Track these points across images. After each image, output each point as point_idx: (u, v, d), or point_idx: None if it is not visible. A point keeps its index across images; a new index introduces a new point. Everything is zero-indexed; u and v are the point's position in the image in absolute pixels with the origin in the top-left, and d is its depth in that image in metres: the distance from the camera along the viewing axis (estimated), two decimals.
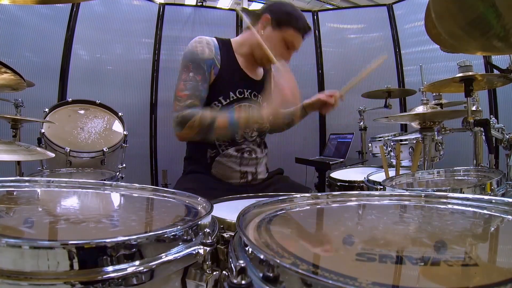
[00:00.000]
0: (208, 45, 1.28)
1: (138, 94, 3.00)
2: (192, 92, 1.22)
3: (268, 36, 1.28)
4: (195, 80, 1.23)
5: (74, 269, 0.39)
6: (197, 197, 0.72)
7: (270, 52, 1.24)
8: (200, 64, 1.25)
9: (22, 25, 2.50)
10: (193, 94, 1.22)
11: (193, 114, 1.18)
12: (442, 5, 0.65)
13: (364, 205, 0.73)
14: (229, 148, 1.32)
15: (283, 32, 1.27)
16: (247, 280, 0.36)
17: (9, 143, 1.03)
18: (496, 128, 1.31)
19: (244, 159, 1.34)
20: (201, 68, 1.24)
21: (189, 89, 1.22)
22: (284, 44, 1.28)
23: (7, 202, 0.69)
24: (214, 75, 1.28)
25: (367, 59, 3.14)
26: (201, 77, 1.24)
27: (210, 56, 1.27)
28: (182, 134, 1.21)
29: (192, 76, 1.23)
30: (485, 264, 0.41)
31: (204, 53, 1.26)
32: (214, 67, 1.28)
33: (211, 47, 1.28)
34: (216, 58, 1.29)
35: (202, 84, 1.24)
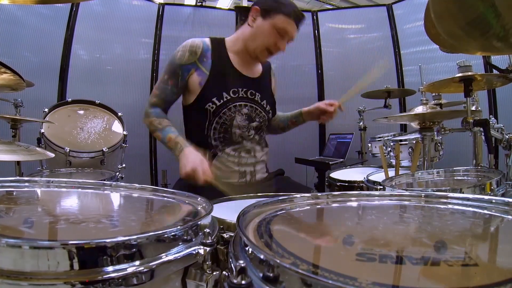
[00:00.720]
0: (190, 48, 1.30)
1: (138, 94, 3.00)
2: (160, 93, 1.34)
3: (259, 26, 1.29)
4: (167, 84, 1.32)
5: (74, 269, 0.39)
6: (197, 197, 0.72)
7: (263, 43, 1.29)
8: (176, 69, 1.30)
9: (22, 25, 2.50)
10: (159, 95, 1.34)
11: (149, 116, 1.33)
12: (442, 5, 0.65)
13: (364, 205, 0.73)
14: (226, 147, 1.32)
15: (273, 20, 1.26)
16: (247, 280, 0.36)
17: (8, 143, 1.03)
18: (496, 128, 1.31)
19: (242, 158, 1.34)
20: (176, 73, 1.30)
21: (159, 90, 1.34)
22: (276, 32, 1.28)
23: (7, 202, 0.69)
24: (198, 76, 1.29)
25: (366, 59, 3.16)
26: (173, 82, 1.31)
27: (190, 61, 1.29)
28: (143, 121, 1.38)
29: (166, 78, 1.33)
30: (485, 264, 0.41)
31: (182, 58, 1.29)
32: (197, 70, 1.30)
33: (195, 49, 1.30)
34: (201, 61, 1.30)
35: (172, 89, 1.32)
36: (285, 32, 1.28)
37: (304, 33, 3.26)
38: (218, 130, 1.31)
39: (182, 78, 1.30)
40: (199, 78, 1.29)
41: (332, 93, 3.18)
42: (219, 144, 1.31)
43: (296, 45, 1.35)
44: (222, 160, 1.32)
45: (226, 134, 1.31)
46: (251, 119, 1.35)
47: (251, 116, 1.35)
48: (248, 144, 1.36)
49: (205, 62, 1.30)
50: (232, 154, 1.32)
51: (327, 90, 3.24)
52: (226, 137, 1.31)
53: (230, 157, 1.32)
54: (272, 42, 1.29)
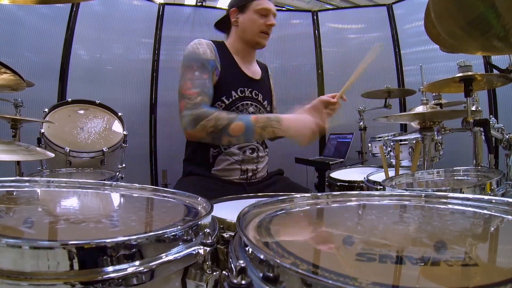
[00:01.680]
0: (208, 46, 1.31)
1: (138, 94, 3.00)
2: (201, 89, 1.22)
3: (244, 21, 1.35)
4: (202, 78, 1.24)
5: (74, 269, 0.39)
6: (197, 197, 0.72)
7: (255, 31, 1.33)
8: (205, 63, 1.27)
9: (22, 25, 2.50)
10: (202, 91, 1.21)
11: (208, 113, 1.16)
12: (442, 5, 0.65)
13: (364, 205, 0.73)
14: (231, 146, 1.33)
15: (251, 8, 1.33)
16: (247, 280, 0.36)
17: (8, 143, 1.03)
18: (496, 128, 1.31)
19: (246, 157, 1.35)
20: (206, 67, 1.27)
21: (198, 87, 1.21)
22: (260, 15, 1.33)
23: (7, 202, 0.69)
24: (216, 76, 1.30)
25: None
26: (208, 75, 1.26)
27: (212, 57, 1.30)
28: (194, 133, 1.18)
29: (198, 74, 1.24)
30: (485, 264, 0.41)
31: (206, 53, 1.29)
32: (216, 69, 1.31)
33: (211, 48, 1.32)
34: (217, 60, 1.32)
35: (209, 82, 1.26)
36: (266, 10, 1.34)
37: (304, 33, 3.26)
38: None
39: (212, 72, 1.29)
40: (216, 77, 1.31)
41: (332, 93, 3.17)
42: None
43: (296, 45, 1.36)
44: (226, 158, 1.33)
45: None
46: None
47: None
48: (254, 143, 1.37)
49: (218, 61, 1.33)
50: (237, 152, 1.33)
51: (327, 90, 3.23)
52: None
53: (234, 156, 1.33)
54: (261, 24, 1.34)
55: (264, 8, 1.33)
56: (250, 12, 1.33)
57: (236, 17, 1.37)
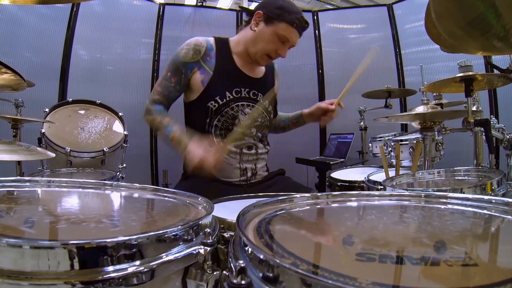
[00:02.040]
0: (195, 47, 1.30)
1: (139, 94, 3.00)
2: (162, 90, 1.33)
3: (261, 31, 1.29)
4: (170, 81, 1.32)
5: (75, 269, 0.39)
6: (197, 196, 0.73)
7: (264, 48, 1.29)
8: (179, 67, 1.30)
9: (22, 25, 2.50)
10: (162, 92, 1.33)
11: (152, 113, 1.31)
12: (442, 5, 0.65)
13: (364, 205, 0.73)
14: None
15: (275, 27, 1.26)
16: (247, 280, 0.36)
17: (9, 143, 1.03)
18: (497, 128, 1.31)
19: (244, 155, 1.34)
20: (179, 70, 1.30)
21: (162, 87, 1.33)
22: (277, 38, 1.28)
23: (8, 202, 0.69)
24: (201, 75, 1.30)
25: None
26: (176, 79, 1.31)
27: (193, 59, 1.30)
28: (144, 119, 1.37)
29: (169, 76, 1.32)
30: (485, 264, 0.41)
31: (186, 56, 1.30)
32: (200, 69, 1.30)
33: (199, 48, 1.30)
34: (205, 60, 1.31)
35: (175, 86, 1.32)
36: (286, 39, 1.28)
37: (304, 33, 3.25)
38: (220, 128, 1.32)
39: (185, 76, 1.31)
40: (202, 76, 1.30)
41: (332, 93, 3.18)
42: (220, 141, 1.32)
43: (296, 45, 1.35)
44: (224, 157, 1.32)
45: (228, 132, 1.32)
46: None
47: None
48: (251, 141, 1.36)
49: (208, 61, 1.31)
50: (234, 150, 1.33)
51: (328, 90, 3.23)
52: (228, 134, 1.32)
53: (231, 153, 1.33)
54: (273, 48, 1.29)
55: (286, 36, 1.27)
56: (272, 29, 1.26)
57: (257, 21, 1.30)
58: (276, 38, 1.27)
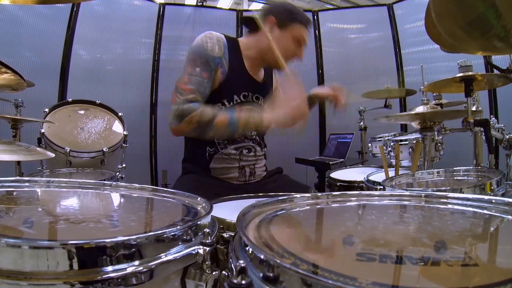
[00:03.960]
0: (218, 42, 1.24)
1: (138, 94, 3.00)
2: (197, 87, 1.17)
3: (278, 37, 1.25)
4: (201, 76, 1.19)
5: (74, 269, 0.39)
6: (196, 197, 0.72)
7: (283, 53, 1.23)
8: (208, 60, 1.20)
9: (22, 25, 2.50)
10: (197, 89, 1.17)
11: (193, 108, 1.13)
12: (442, 5, 0.65)
13: (364, 205, 0.73)
14: (228, 146, 1.32)
15: (291, 30, 1.26)
16: (247, 280, 0.36)
17: (9, 143, 1.03)
18: (496, 128, 1.31)
19: (243, 156, 1.34)
20: (209, 65, 1.20)
21: (194, 84, 1.17)
22: (295, 41, 1.28)
23: (7, 202, 0.69)
24: (221, 74, 1.24)
25: (367, 59, 3.16)
26: (208, 74, 1.20)
27: (219, 54, 1.22)
28: (178, 128, 1.17)
29: (198, 71, 1.19)
30: (485, 264, 0.41)
31: (213, 50, 1.22)
32: (222, 67, 1.23)
33: (221, 44, 1.24)
34: (225, 58, 1.24)
35: (207, 82, 1.20)
36: (303, 40, 1.29)
37: None
38: None
39: (214, 71, 1.22)
40: (221, 76, 1.24)
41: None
42: (221, 142, 1.31)
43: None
44: (224, 158, 1.32)
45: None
46: None
47: None
48: (250, 143, 1.36)
49: (226, 60, 1.26)
50: (234, 153, 1.33)
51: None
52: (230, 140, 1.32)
53: (231, 156, 1.33)
54: (291, 51, 1.29)
55: (303, 37, 1.27)
56: (288, 32, 1.25)
57: (271, 28, 1.26)
58: (293, 41, 1.28)
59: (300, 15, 1.28)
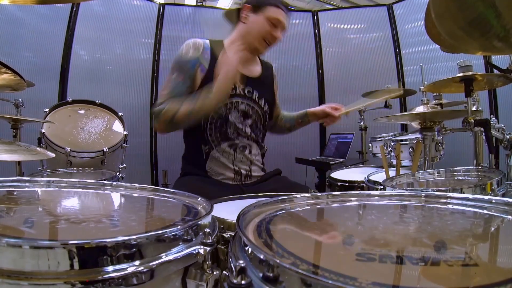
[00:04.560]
0: (194, 45, 1.32)
1: (138, 94, 3.00)
2: (171, 90, 1.28)
3: (253, 21, 1.32)
4: (176, 81, 1.29)
5: (75, 269, 0.39)
6: (197, 197, 0.73)
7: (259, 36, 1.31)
8: (182, 65, 1.30)
9: (22, 25, 2.50)
10: (171, 92, 1.28)
11: (161, 108, 1.24)
12: (442, 5, 0.65)
13: (364, 205, 0.73)
14: (221, 143, 1.33)
15: (265, 12, 1.30)
16: (247, 280, 0.36)
17: (9, 143, 1.03)
18: (496, 128, 1.31)
19: (237, 156, 1.35)
20: (183, 69, 1.29)
21: (168, 88, 1.29)
22: (270, 23, 1.31)
23: (8, 202, 0.69)
24: (201, 72, 1.30)
25: (367, 59, 3.16)
26: (183, 77, 1.29)
27: (194, 56, 1.30)
28: (157, 127, 1.29)
29: (174, 77, 1.30)
30: (485, 264, 0.41)
31: (187, 53, 1.30)
32: (200, 66, 1.30)
33: (198, 46, 1.32)
34: (203, 58, 1.31)
35: (183, 83, 1.29)
36: (277, 21, 1.31)
37: (304, 33, 3.26)
38: (214, 125, 1.32)
39: (190, 72, 1.30)
40: (202, 74, 1.31)
41: (332, 93, 3.18)
42: (215, 139, 1.33)
43: (296, 45, 1.36)
44: (218, 156, 1.33)
45: (222, 129, 1.33)
46: (247, 116, 1.36)
47: (247, 113, 1.36)
48: (244, 141, 1.37)
49: (206, 59, 1.32)
50: (228, 150, 1.33)
51: (328, 90, 3.24)
52: (222, 132, 1.33)
53: (225, 154, 1.33)
54: (268, 32, 1.32)
55: (277, 18, 1.30)
56: (262, 15, 1.31)
57: (246, 14, 1.34)
58: (268, 22, 1.31)
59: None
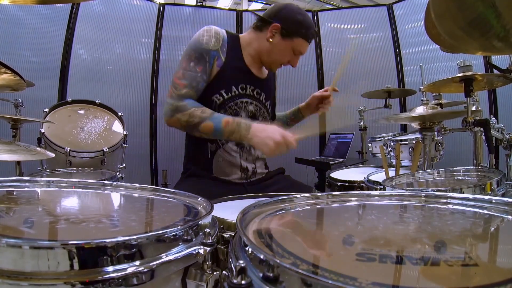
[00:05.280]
0: (216, 35, 1.26)
1: (138, 94, 3.00)
2: (190, 82, 1.20)
3: (277, 44, 1.28)
4: (195, 71, 1.21)
5: (74, 269, 0.39)
6: (197, 197, 0.73)
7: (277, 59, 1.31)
8: (203, 54, 1.22)
9: (22, 25, 2.50)
10: (190, 84, 1.20)
11: (185, 108, 1.17)
12: (442, 5, 0.65)
13: (364, 205, 0.73)
14: (229, 141, 1.31)
15: (292, 42, 1.27)
16: (247, 280, 0.36)
17: (9, 143, 1.03)
18: (496, 128, 1.31)
19: (244, 153, 1.34)
20: (203, 58, 1.22)
21: (187, 79, 1.21)
22: (292, 52, 1.30)
23: (7, 202, 0.69)
24: (217, 67, 1.26)
25: (367, 59, 3.16)
26: (202, 68, 1.22)
27: (215, 47, 1.24)
28: (171, 121, 1.21)
29: (192, 65, 1.21)
30: (485, 264, 0.41)
31: (209, 43, 1.23)
32: (218, 59, 1.25)
33: (219, 37, 1.26)
34: (222, 50, 1.27)
35: (201, 76, 1.22)
36: (300, 53, 1.31)
37: None
38: None
39: (209, 64, 1.23)
40: (218, 68, 1.26)
41: (332, 93, 3.18)
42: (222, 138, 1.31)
43: None
44: (225, 154, 1.32)
45: None
46: (255, 117, 1.35)
47: (255, 114, 1.35)
48: None
49: (223, 52, 1.28)
50: (234, 148, 1.33)
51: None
52: None
53: (232, 152, 1.32)
54: (286, 60, 1.32)
55: (301, 51, 1.30)
56: (289, 43, 1.28)
57: (274, 34, 1.28)
58: (291, 51, 1.30)
59: (306, 30, 1.27)
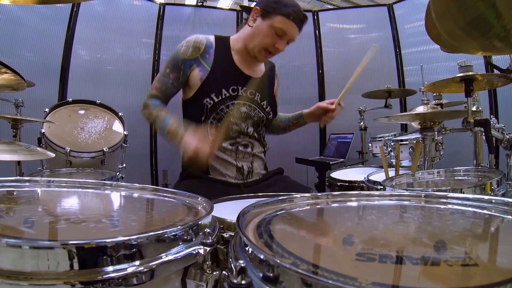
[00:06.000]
0: (195, 44, 1.32)
1: (139, 94, 2.99)
2: (160, 86, 1.34)
3: (258, 26, 1.30)
4: (168, 77, 1.33)
5: (74, 269, 0.39)
6: (197, 197, 0.73)
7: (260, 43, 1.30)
8: (178, 63, 1.31)
9: (23, 25, 2.50)
10: (160, 88, 1.34)
11: (149, 107, 1.33)
12: (442, 5, 0.65)
13: (364, 205, 0.73)
14: (223, 141, 1.31)
15: (271, 20, 1.26)
16: (247, 280, 0.36)
17: (9, 143, 1.03)
18: (496, 128, 1.31)
19: (240, 153, 1.34)
20: (178, 67, 1.32)
21: (160, 83, 1.34)
22: (274, 32, 1.27)
23: (7, 202, 0.69)
24: (199, 72, 1.30)
25: None
26: (175, 75, 1.32)
27: (193, 56, 1.31)
28: (142, 114, 1.38)
29: (167, 72, 1.33)
30: (485, 264, 0.41)
31: (185, 53, 1.31)
32: (199, 66, 1.31)
33: (199, 45, 1.32)
34: (204, 57, 1.32)
35: (172, 83, 1.33)
36: (283, 32, 1.28)
37: (304, 33, 3.22)
38: (215, 125, 1.31)
39: (184, 72, 1.32)
40: (200, 73, 1.31)
41: (333, 93, 3.18)
42: None
43: (296, 45, 1.35)
44: (220, 154, 1.32)
45: None
46: (249, 118, 1.35)
47: (249, 115, 1.35)
48: (246, 139, 1.36)
49: (207, 58, 1.32)
50: (229, 148, 1.33)
51: (328, 90, 3.24)
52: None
53: (227, 151, 1.33)
54: (270, 42, 1.29)
55: (283, 29, 1.26)
56: (269, 22, 1.26)
57: (255, 17, 1.30)
58: (273, 31, 1.27)
59: (286, 7, 1.26)
